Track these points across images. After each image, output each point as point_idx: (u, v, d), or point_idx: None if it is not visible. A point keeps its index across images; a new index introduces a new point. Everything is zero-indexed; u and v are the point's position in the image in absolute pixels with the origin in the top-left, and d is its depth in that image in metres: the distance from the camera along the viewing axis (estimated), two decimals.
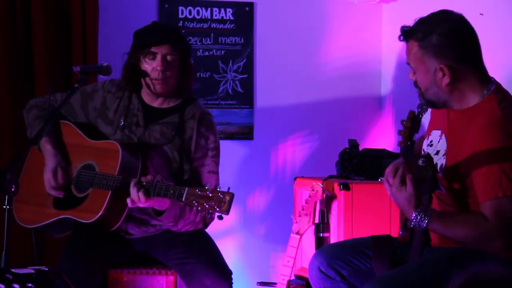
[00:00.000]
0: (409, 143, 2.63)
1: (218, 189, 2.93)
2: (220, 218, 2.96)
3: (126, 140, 3.35)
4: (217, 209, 2.90)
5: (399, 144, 2.66)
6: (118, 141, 3.29)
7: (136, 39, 3.38)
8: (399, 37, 2.84)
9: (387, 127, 4.61)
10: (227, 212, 2.91)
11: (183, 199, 2.96)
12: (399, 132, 2.64)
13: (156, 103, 3.40)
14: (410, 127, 2.62)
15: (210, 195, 2.91)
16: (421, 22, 2.79)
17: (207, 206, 2.91)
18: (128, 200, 3.08)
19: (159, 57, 3.30)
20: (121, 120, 3.37)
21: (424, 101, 2.82)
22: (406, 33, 2.81)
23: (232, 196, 2.90)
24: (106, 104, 3.42)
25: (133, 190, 3.06)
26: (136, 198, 3.05)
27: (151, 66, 3.30)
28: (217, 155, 3.40)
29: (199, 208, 2.93)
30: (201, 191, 2.93)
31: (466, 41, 2.77)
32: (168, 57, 3.31)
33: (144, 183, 3.06)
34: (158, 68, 3.29)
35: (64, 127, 3.43)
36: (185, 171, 3.33)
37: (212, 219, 3.34)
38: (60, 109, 3.19)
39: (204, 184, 3.11)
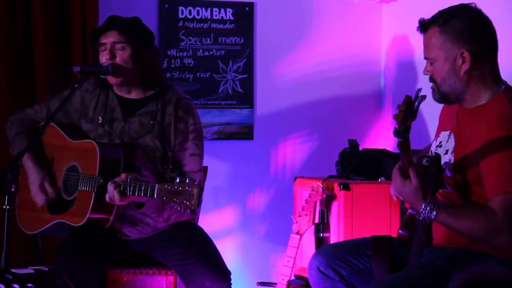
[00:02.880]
0: (403, 127, 2.61)
1: (186, 182, 2.90)
2: (192, 212, 2.95)
3: (107, 136, 3.35)
4: (187, 203, 2.88)
5: (394, 128, 2.64)
6: (99, 138, 3.31)
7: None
8: (418, 29, 2.82)
9: (387, 127, 4.61)
10: (196, 205, 2.89)
11: (155, 196, 2.96)
12: (394, 116, 2.62)
13: (131, 95, 3.41)
14: (404, 111, 2.61)
15: (180, 189, 2.89)
16: (443, 11, 2.79)
17: (177, 200, 2.90)
18: (106, 196, 3.09)
19: (108, 46, 3.31)
20: (100, 117, 3.38)
21: (438, 96, 2.82)
22: (426, 23, 2.80)
23: (199, 188, 2.88)
24: (85, 103, 3.44)
25: (110, 188, 3.07)
26: (112, 196, 3.06)
27: (103, 57, 3.32)
28: (198, 137, 3.38)
29: (171, 204, 2.92)
30: (170, 186, 2.91)
31: (487, 33, 2.79)
32: (117, 46, 3.31)
33: (120, 183, 3.06)
34: (107, 56, 3.30)
35: (48, 128, 3.41)
36: (169, 158, 3.33)
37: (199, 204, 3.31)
38: (46, 126, 3.14)
39: (188, 175, 3.11)
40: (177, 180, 2.92)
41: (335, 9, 4.62)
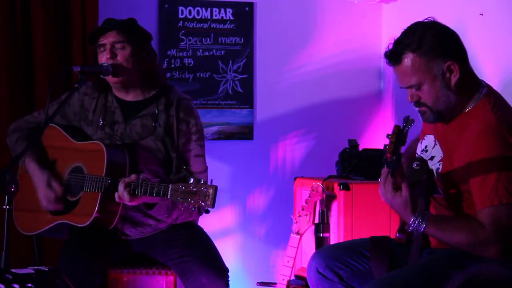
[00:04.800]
0: (394, 157, 2.62)
1: (201, 183, 2.91)
2: (207, 211, 2.96)
3: (108, 138, 3.35)
4: (202, 203, 2.89)
5: (385, 158, 2.65)
6: (100, 141, 3.31)
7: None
8: (389, 63, 2.76)
9: (387, 127, 4.61)
10: (212, 205, 2.90)
11: (168, 196, 2.97)
12: (385, 147, 2.62)
13: (131, 97, 3.41)
14: (395, 142, 2.61)
15: (194, 189, 2.90)
16: (405, 36, 2.73)
17: (192, 201, 2.90)
18: (116, 195, 3.09)
19: (107, 46, 3.32)
20: (100, 120, 3.39)
21: (433, 117, 2.77)
22: (396, 53, 2.73)
23: (215, 189, 2.89)
24: (84, 107, 3.44)
25: (120, 188, 3.07)
26: (122, 196, 3.06)
27: (103, 57, 3.32)
28: (200, 138, 3.39)
29: (185, 204, 2.93)
30: (185, 187, 2.92)
31: (456, 40, 2.76)
32: (117, 45, 3.32)
33: (130, 184, 3.06)
34: (107, 56, 3.30)
35: (51, 130, 3.42)
36: (173, 159, 3.34)
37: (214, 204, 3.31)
38: (45, 128, 3.12)
39: (193, 176, 3.11)
40: (191, 181, 2.92)
41: (335, 9, 4.62)
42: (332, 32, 4.62)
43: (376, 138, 4.62)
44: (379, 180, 2.79)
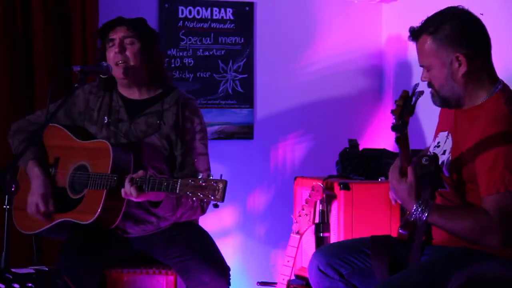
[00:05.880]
0: (400, 121, 2.61)
1: (211, 177, 2.93)
2: (216, 206, 2.96)
3: (113, 136, 3.36)
4: (212, 197, 2.90)
5: (392, 123, 2.64)
6: (105, 139, 3.32)
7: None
8: (409, 38, 2.84)
9: (387, 127, 4.60)
10: (222, 199, 2.91)
11: (177, 191, 2.98)
12: (392, 111, 2.62)
13: (135, 95, 3.43)
14: (402, 105, 2.61)
15: (204, 184, 2.92)
16: (430, 18, 2.80)
17: (201, 195, 2.92)
18: (122, 191, 3.09)
19: (117, 41, 3.34)
20: (105, 118, 3.39)
21: (439, 101, 2.83)
22: (416, 31, 2.81)
23: (225, 183, 2.91)
24: (89, 106, 3.45)
25: (127, 185, 3.08)
26: (129, 192, 3.06)
27: (112, 52, 3.34)
28: (204, 137, 3.43)
29: (194, 198, 2.94)
30: (194, 181, 2.94)
31: (478, 33, 2.79)
32: (126, 40, 3.35)
33: (137, 180, 3.07)
34: (116, 50, 3.32)
35: (54, 131, 3.43)
36: (176, 157, 3.35)
37: (208, 203, 3.33)
38: (48, 123, 3.13)
39: (197, 173, 3.13)
40: (200, 175, 2.95)
41: (335, 9, 4.62)
42: (332, 32, 4.62)
43: (376, 138, 4.62)
44: (380, 179, 2.79)
